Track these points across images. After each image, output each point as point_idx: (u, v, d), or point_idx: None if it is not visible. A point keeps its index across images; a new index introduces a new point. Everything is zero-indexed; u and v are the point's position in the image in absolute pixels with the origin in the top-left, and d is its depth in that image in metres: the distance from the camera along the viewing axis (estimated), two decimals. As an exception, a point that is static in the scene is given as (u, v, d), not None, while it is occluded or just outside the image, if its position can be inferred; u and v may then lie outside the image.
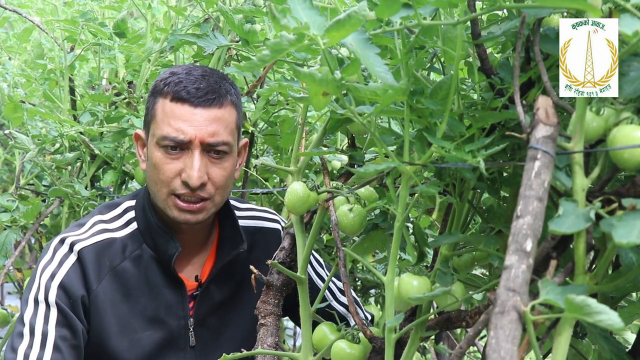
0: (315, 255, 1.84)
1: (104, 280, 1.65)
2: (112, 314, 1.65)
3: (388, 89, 1.02)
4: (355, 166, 1.58)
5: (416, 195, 1.29)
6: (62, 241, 1.67)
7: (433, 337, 2.39)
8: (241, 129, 1.70)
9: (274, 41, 0.95)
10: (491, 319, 0.84)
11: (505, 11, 1.19)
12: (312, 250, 1.56)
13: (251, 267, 1.54)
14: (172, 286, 1.70)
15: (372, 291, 2.51)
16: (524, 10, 1.02)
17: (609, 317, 0.81)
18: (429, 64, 1.27)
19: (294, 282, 1.54)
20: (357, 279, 2.34)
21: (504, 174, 1.23)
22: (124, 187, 2.50)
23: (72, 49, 2.49)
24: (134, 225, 1.72)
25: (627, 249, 1.00)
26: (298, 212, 1.49)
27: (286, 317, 1.84)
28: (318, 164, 2.22)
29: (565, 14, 1.08)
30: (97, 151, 2.36)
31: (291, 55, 1.38)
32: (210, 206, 1.64)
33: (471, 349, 2.79)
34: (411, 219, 1.63)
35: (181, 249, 1.68)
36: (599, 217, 0.90)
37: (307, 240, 1.50)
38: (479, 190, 1.28)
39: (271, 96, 2.22)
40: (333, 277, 1.69)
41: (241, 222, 1.77)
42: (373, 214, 1.63)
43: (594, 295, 1.09)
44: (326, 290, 1.79)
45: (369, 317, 1.86)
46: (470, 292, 1.30)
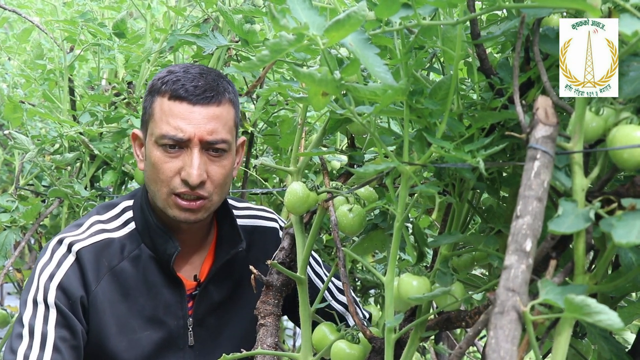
0: (313, 254, 1.84)
1: (103, 281, 1.65)
2: (111, 314, 1.65)
3: (387, 89, 1.02)
4: (355, 166, 1.58)
5: (416, 195, 1.29)
6: (60, 242, 1.66)
7: (433, 337, 2.39)
8: (239, 126, 1.70)
9: (274, 41, 0.95)
10: (491, 319, 0.84)
11: (504, 11, 1.19)
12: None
13: (251, 267, 1.54)
14: (171, 286, 1.70)
15: (372, 291, 2.51)
16: (523, 10, 1.02)
17: (608, 317, 0.81)
18: (428, 64, 1.27)
19: (293, 282, 1.54)
20: (356, 279, 2.33)
21: (504, 174, 1.23)
22: (123, 187, 2.50)
23: (72, 49, 2.49)
24: (132, 225, 1.71)
25: (626, 249, 1.00)
26: (298, 212, 1.49)
27: (285, 317, 1.85)
28: (318, 164, 2.22)
29: (565, 14, 1.08)
30: (96, 151, 2.36)
31: (291, 55, 1.37)
32: (209, 205, 1.64)
33: (471, 349, 2.79)
34: (411, 219, 1.63)
35: (180, 248, 1.68)
36: (598, 217, 0.90)
37: (307, 240, 1.50)
38: (478, 190, 1.28)
39: (271, 96, 2.22)
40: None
41: (239, 222, 1.76)
42: (373, 214, 1.63)
43: (593, 295, 1.09)
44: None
45: (367, 315, 1.86)
46: (470, 292, 1.30)
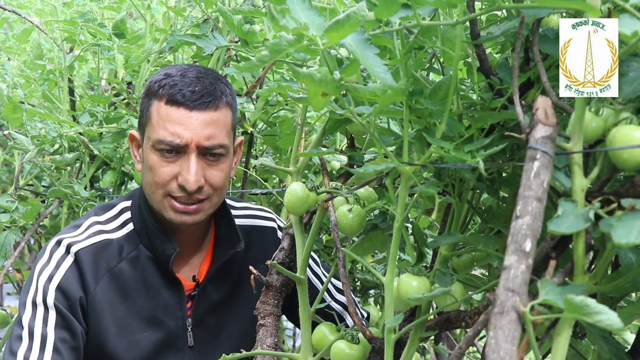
0: (312, 254, 1.83)
1: (102, 282, 1.65)
2: (110, 315, 1.65)
3: (387, 89, 1.02)
4: (355, 166, 1.58)
5: (415, 195, 1.29)
6: (59, 243, 1.66)
7: (432, 337, 2.39)
8: (236, 128, 1.70)
9: (273, 42, 0.95)
10: (490, 319, 0.84)
11: (504, 11, 1.19)
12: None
13: (250, 267, 1.54)
14: (170, 287, 1.70)
15: (372, 291, 2.51)
16: (523, 10, 1.02)
17: (608, 317, 0.81)
18: (428, 65, 1.27)
19: (293, 282, 1.54)
20: (356, 280, 2.34)
21: (503, 174, 1.23)
22: (123, 187, 2.50)
23: (71, 49, 2.49)
24: (130, 226, 1.71)
25: (626, 249, 1.00)
26: (297, 212, 1.49)
27: (285, 317, 1.84)
28: (317, 164, 2.22)
29: (565, 14, 1.08)
30: (96, 152, 2.36)
31: (290, 55, 1.37)
32: (207, 207, 1.64)
33: (471, 349, 2.79)
34: (410, 220, 1.63)
35: (178, 249, 1.68)
36: (598, 217, 0.90)
37: (307, 240, 1.50)
38: (478, 191, 1.28)
39: (270, 96, 2.22)
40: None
41: (237, 221, 1.76)
42: (372, 214, 1.63)
43: (593, 296, 1.09)
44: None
45: (365, 314, 1.86)
46: (470, 293, 1.30)
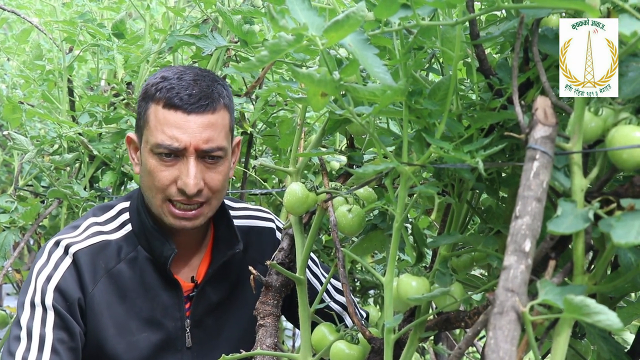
0: (311, 254, 1.83)
1: (100, 283, 1.65)
2: (109, 316, 1.65)
3: (386, 89, 1.02)
4: (354, 167, 1.58)
5: (415, 195, 1.28)
6: (57, 244, 1.66)
7: (432, 337, 2.39)
8: (234, 129, 1.70)
9: (273, 42, 0.95)
10: (490, 319, 0.84)
11: (503, 12, 1.19)
12: (310, 251, 1.56)
13: (250, 268, 1.54)
14: (168, 288, 1.70)
15: (371, 292, 2.51)
16: (522, 10, 1.02)
17: (607, 317, 0.81)
18: (427, 65, 1.28)
19: (292, 282, 1.54)
20: (356, 280, 2.33)
21: (503, 174, 1.24)
22: (122, 188, 2.50)
23: (71, 49, 2.48)
24: (128, 227, 1.71)
25: (625, 249, 1.00)
26: (297, 212, 1.49)
27: (285, 318, 1.84)
28: (317, 164, 2.22)
29: (564, 14, 1.08)
30: (95, 152, 2.36)
31: (290, 56, 1.37)
32: (206, 211, 1.64)
33: (470, 349, 2.79)
34: (410, 220, 1.63)
35: (177, 250, 1.68)
36: (597, 217, 0.90)
37: (306, 241, 1.50)
38: (477, 191, 1.28)
39: (270, 97, 2.22)
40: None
41: (236, 222, 1.76)
42: (372, 214, 1.63)
43: (592, 296, 1.09)
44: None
45: (364, 314, 1.86)
46: (469, 293, 1.30)
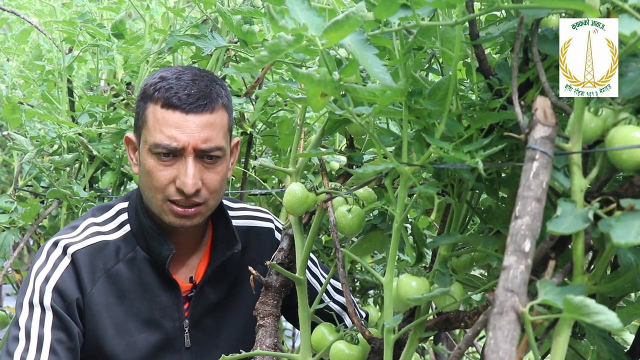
0: (310, 255, 1.83)
1: (98, 283, 1.65)
2: (107, 317, 1.65)
3: (386, 89, 1.02)
4: (354, 167, 1.58)
5: (415, 196, 1.29)
6: (56, 244, 1.66)
7: (432, 337, 2.39)
8: (232, 129, 1.70)
9: (272, 42, 0.95)
10: (490, 319, 0.84)
11: (503, 12, 1.19)
12: (309, 251, 1.56)
13: (250, 268, 1.54)
14: (167, 288, 1.70)
15: (371, 292, 2.51)
16: (522, 10, 1.02)
17: (607, 317, 0.81)
18: (427, 65, 1.28)
19: (292, 283, 1.54)
20: (355, 280, 2.33)
21: (503, 174, 1.24)
22: (122, 188, 2.50)
23: (71, 50, 2.48)
24: (127, 228, 1.71)
25: (625, 250, 1.00)
26: (296, 213, 1.49)
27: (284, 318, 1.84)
28: (316, 164, 2.22)
29: (564, 14, 1.08)
30: (95, 152, 2.36)
31: (289, 56, 1.37)
32: (204, 210, 1.64)
33: (470, 349, 2.79)
34: (410, 220, 1.63)
35: (175, 251, 1.68)
36: (597, 217, 0.90)
37: (306, 241, 1.50)
38: (477, 191, 1.28)
39: (270, 97, 2.22)
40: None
41: (234, 222, 1.76)
42: (372, 214, 1.63)
43: (592, 296, 1.09)
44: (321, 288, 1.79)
45: (363, 314, 1.85)
46: (469, 293, 1.30)
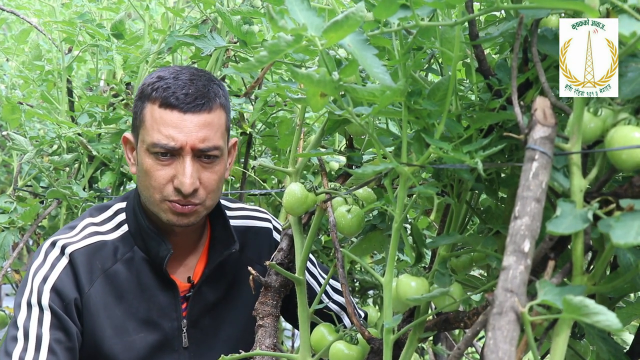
0: (309, 255, 1.83)
1: (96, 283, 1.65)
2: (106, 317, 1.65)
3: (386, 90, 1.02)
4: (353, 167, 1.58)
5: (414, 196, 1.29)
6: (54, 244, 1.66)
7: (431, 338, 2.39)
8: (230, 129, 1.70)
9: (272, 42, 0.95)
10: (489, 319, 0.84)
11: (502, 12, 1.19)
12: (309, 251, 1.56)
13: (250, 268, 1.54)
14: (165, 288, 1.70)
15: (370, 292, 2.51)
16: (521, 11, 1.02)
17: (606, 317, 0.81)
18: (426, 65, 1.28)
19: (291, 283, 1.54)
20: (355, 280, 2.33)
21: (502, 174, 1.24)
22: (121, 188, 2.50)
23: (70, 50, 2.48)
24: (125, 228, 1.71)
25: (624, 250, 1.00)
26: (296, 213, 1.49)
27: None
28: (316, 165, 2.22)
29: (563, 14, 1.08)
30: (95, 152, 2.36)
31: (289, 56, 1.37)
32: (201, 210, 1.64)
33: (469, 349, 2.79)
34: (409, 220, 1.63)
35: (173, 251, 1.67)
36: (596, 217, 0.90)
37: (305, 241, 1.50)
38: (476, 191, 1.28)
39: (269, 97, 2.22)
40: (327, 275, 1.69)
41: (232, 222, 1.76)
42: (371, 215, 1.63)
43: (591, 296, 1.09)
44: (320, 288, 1.79)
45: (362, 314, 1.85)
46: (469, 293, 1.30)
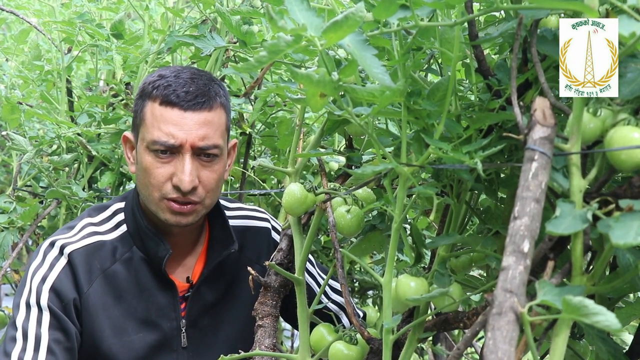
0: (308, 255, 1.83)
1: (95, 283, 1.65)
2: (105, 317, 1.65)
3: (385, 90, 1.02)
4: (353, 167, 1.58)
5: (414, 196, 1.29)
6: (52, 244, 1.66)
7: (430, 338, 2.39)
8: (230, 129, 1.70)
9: (272, 42, 0.95)
10: (488, 320, 0.84)
11: (502, 12, 1.19)
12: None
13: (249, 268, 1.54)
14: (163, 288, 1.70)
15: (370, 292, 2.51)
16: (521, 11, 1.02)
17: (606, 318, 0.81)
18: (426, 65, 1.28)
19: (291, 283, 1.54)
20: (354, 281, 2.33)
21: (501, 175, 1.24)
22: (121, 188, 2.50)
23: (70, 50, 2.48)
24: (123, 228, 1.71)
25: (624, 250, 1.00)
26: (295, 213, 1.49)
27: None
28: (315, 165, 2.22)
29: (563, 15, 1.08)
30: (94, 152, 2.36)
31: (289, 56, 1.37)
32: (200, 209, 1.64)
33: (469, 350, 2.79)
34: (409, 220, 1.63)
35: (171, 251, 1.67)
36: (596, 218, 0.90)
37: (305, 241, 1.50)
38: (476, 192, 1.28)
39: (269, 97, 2.22)
40: (326, 275, 1.69)
41: (231, 222, 1.76)
42: (371, 215, 1.63)
43: (591, 296, 1.09)
44: (319, 288, 1.79)
45: (361, 314, 1.85)
46: (468, 293, 1.30)
